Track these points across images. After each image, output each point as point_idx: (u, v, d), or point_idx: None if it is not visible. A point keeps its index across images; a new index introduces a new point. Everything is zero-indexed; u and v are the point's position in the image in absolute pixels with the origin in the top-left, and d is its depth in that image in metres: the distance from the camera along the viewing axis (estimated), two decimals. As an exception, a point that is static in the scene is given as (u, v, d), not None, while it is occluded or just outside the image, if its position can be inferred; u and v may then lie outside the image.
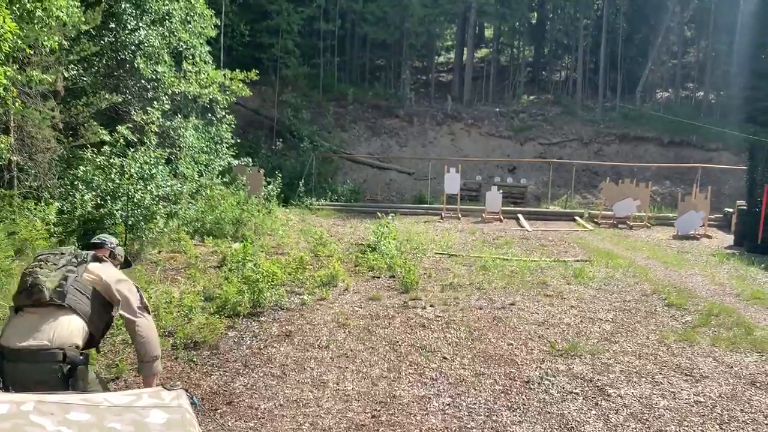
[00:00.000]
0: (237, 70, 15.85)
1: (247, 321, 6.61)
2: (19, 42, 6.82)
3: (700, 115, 28.93)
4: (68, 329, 2.75)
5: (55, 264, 2.91)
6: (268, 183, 15.40)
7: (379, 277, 9.01)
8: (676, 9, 32.40)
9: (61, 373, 2.62)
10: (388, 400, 4.71)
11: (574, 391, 4.96)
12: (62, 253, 3.02)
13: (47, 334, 2.67)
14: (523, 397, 4.83)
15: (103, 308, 3.02)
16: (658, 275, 9.74)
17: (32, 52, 8.60)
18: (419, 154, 26.21)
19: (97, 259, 3.11)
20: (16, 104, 8.44)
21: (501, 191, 18.03)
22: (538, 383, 5.09)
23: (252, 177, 15.56)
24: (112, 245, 3.45)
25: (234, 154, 16.29)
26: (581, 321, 7.01)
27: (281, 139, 24.89)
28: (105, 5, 11.22)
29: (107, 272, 3.08)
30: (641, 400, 4.81)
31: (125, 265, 3.65)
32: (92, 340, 3.01)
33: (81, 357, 2.75)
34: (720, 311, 7.47)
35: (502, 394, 4.87)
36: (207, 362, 5.40)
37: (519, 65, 35.65)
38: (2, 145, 7.78)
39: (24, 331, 2.68)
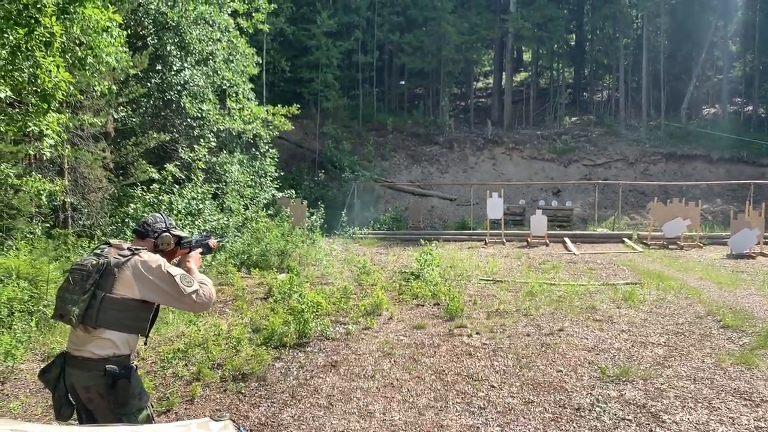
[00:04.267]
0: (279, 105, 16.27)
1: (293, 352, 6.66)
2: (72, 88, 7.16)
3: (750, 130, 28.16)
4: (108, 341, 2.88)
5: (83, 281, 2.85)
6: (312, 214, 15.63)
7: (423, 305, 8.97)
8: (719, 24, 31.82)
9: (106, 382, 2.83)
10: (436, 430, 4.66)
11: (626, 417, 4.81)
12: (93, 265, 2.88)
13: (91, 346, 2.87)
14: (574, 424, 4.71)
15: (141, 308, 2.96)
16: (712, 296, 9.42)
17: (84, 97, 9.02)
18: (460, 179, 26.19)
19: (128, 264, 2.92)
20: (67, 150, 8.83)
21: (546, 215, 17.83)
22: (589, 410, 4.97)
23: (295, 208, 15.80)
24: (155, 234, 3.21)
25: (278, 186, 16.62)
26: (632, 345, 6.82)
27: (323, 170, 25.26)
28: (152, 49, 11.71)
29: (137, 285, 2.91)
30: (698, 427, 4.64)
31: (206, 251, 3.44)
32: (142, 330, 3.03)
33: (123, 371, 2.86)
34: (780, 332, 7.17)
35: (552, 423, 4.77)
36: (255, 394, 5.46)
37: (559, 87, 35.47)
38: (57, 188, 8.13)
39: (76, 341, 2.92)
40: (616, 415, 4.87)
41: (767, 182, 22.42)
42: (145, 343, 3.30)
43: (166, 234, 3.24)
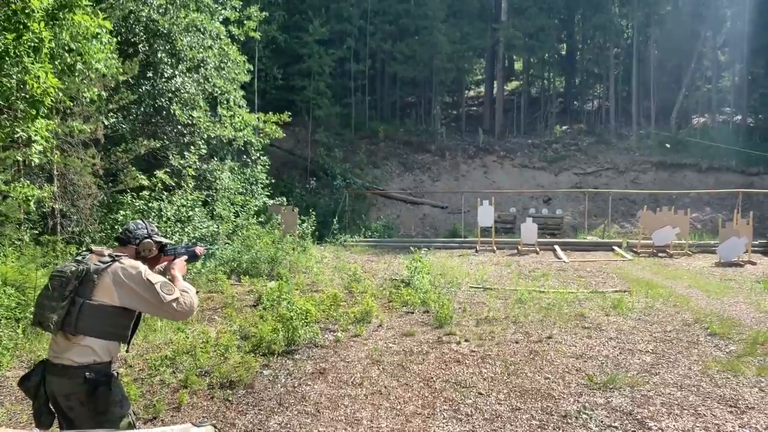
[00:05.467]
0: (271, 112, 16.26)
1: (281, 359, 6.64)
2: (61, 95, 7.15)
3: (739, 140, 28.40)
4: (88, 349, 2.86)
5: (62, 288, 2.85)
6: (303, 221, 15.60)
7: (413, 313, 8.97)
8: (707, 34, 32.11)
9: (86, 390, 2.81)
10: (423, 437, 4.66)
11: (613, 424, 4.83)
12: (72, 272, 2.87)
13: (71, 353, 2.85)
14: (561, 431, 4.73)
15: (122, 315, 2.93)
16: (700, 304, 9.48)
17: (73, 104, 8.99)
18: (452, 187, 26.26)
19: (108, 271, 2.89)
20: (56, 156, 8.80)
21: (536, 223, 17.89)
22: (576, 417, 4.98)
23: (287, 216, 15.77)
24: (137, 241, 3.17)
25: (269, 194, 16.61)
26: (620, 353, 6.85)
27: (315, 178, 25.27)
28: (142, 56, 11.71)
29: (117, 292, 2.89)
30: (684, 434, 4.66)
31: (192, 258, 3.44)
32: (123, 338, 3.00)
33: (103, 378, 2.85)
34: (766, 340, 7.21)
35: (539, 429, 4.78)
36: (242, 401, 5.44)
37: (550, 96, 35.66)
38: (46, 194, 8.09)
39: (56, 349, 2.90)
40: (602, 422, 4.89)
41: (756, 191, 22.61)
42: (127, 351, 3.28)
43: (148, 240, 3.22)
